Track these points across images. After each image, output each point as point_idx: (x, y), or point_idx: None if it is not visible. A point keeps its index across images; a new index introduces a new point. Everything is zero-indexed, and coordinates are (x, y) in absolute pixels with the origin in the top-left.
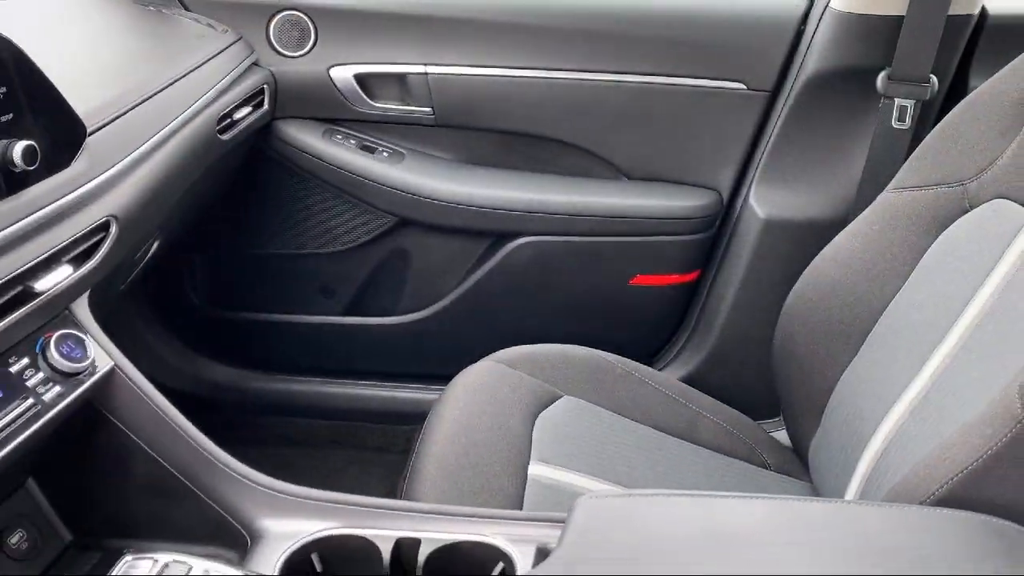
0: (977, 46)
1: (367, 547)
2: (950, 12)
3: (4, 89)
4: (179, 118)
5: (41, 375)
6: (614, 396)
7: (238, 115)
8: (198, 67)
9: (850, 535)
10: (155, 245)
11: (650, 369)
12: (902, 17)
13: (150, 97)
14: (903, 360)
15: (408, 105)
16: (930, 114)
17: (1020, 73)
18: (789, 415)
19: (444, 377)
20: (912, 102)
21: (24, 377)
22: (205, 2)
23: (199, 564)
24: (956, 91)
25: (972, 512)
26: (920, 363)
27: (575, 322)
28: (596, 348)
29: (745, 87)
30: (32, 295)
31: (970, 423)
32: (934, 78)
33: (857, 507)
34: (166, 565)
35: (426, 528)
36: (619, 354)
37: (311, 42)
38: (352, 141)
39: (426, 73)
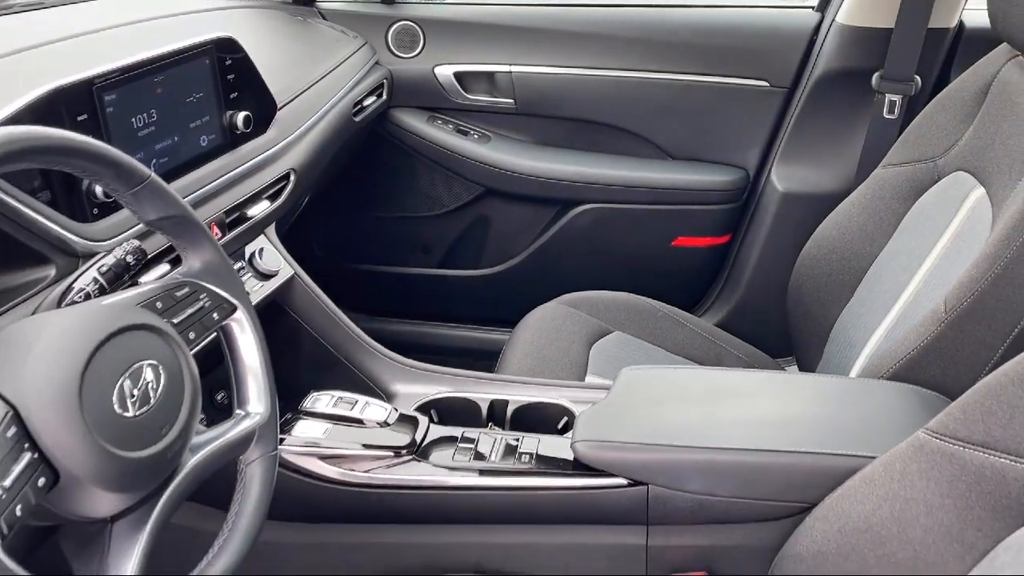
0: (957, 52)
1: (470, 405)
2: (930, 25)
3: (233, 75)
4: (329, 102)
5: (249, 275)
6: (656, 333)
7: (366, 103)
8: (338, 65)
9: (814, 391)
10: (305, 201)
11: (687, 313)
12: (892, 29)
13: (311, 86)
14: (883, 299)
15: (495, 97)
16: (916, 107)
17: (979, 71)
18: (799, 350)
19: (518, 321)
20: (900, 97)
21: (240, 275)
22: (339, 14)
23: (363, 399)
24: (940, 88)
25: (907, 384)
26: (894, 300)
27: (626, 275)
28: (643, 296)
29: (768, 84)
30: (245, 219)
31: (914, 326)
32: (918, 78)
33: (824, 377)
34: (340, 399)
35: (512, 393)
36: (662, 302)
37: (420, 46)
38: (449, 125)
39: (510, 72)
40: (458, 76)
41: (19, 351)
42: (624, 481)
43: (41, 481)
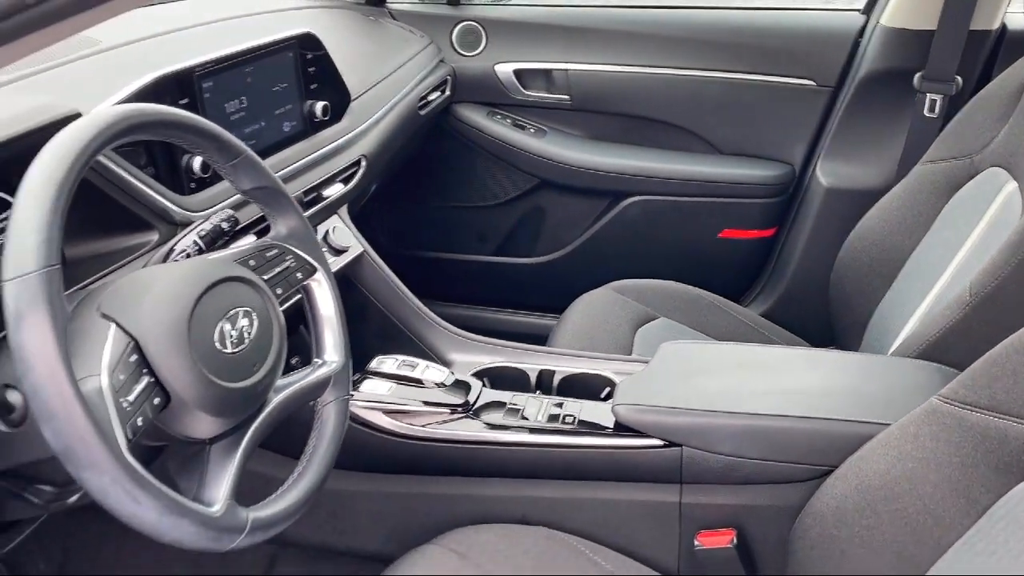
0: (999, 54)
1: (520, 374)
2: (972, 27)
3: (313, 68)
4: (397, 96)
5: (325, 250)
6: (700, 320)
7: (431, 98)
8: (406, 62)
9: (839, 365)
10: (373, 189)
11: (732, 302)
12: (934, 31)
13: (381, 81)
14: (918, 289)
15: (551, 94)
16: (957, 107)
17: (1016, 71)
18: (839, 339)
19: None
20: (940, 97)
21: None
22: (408, 15)
23: (423, 362)
24: (981, 88)
25: (931, 362)
26: (928, 290)
27: (674, 265)
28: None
29: (814, 83)
30: (321, 199)
31: (941, 309)
32: (959, 78)
33: (850, 354)
34: (403, 361)
35: (559, 364)
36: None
37: (482, 45)
38: (508, 120)
39: (567, 69)
40: (517, 73)
41: (138, 295)
42: (660, 442)
43: (156, 401)
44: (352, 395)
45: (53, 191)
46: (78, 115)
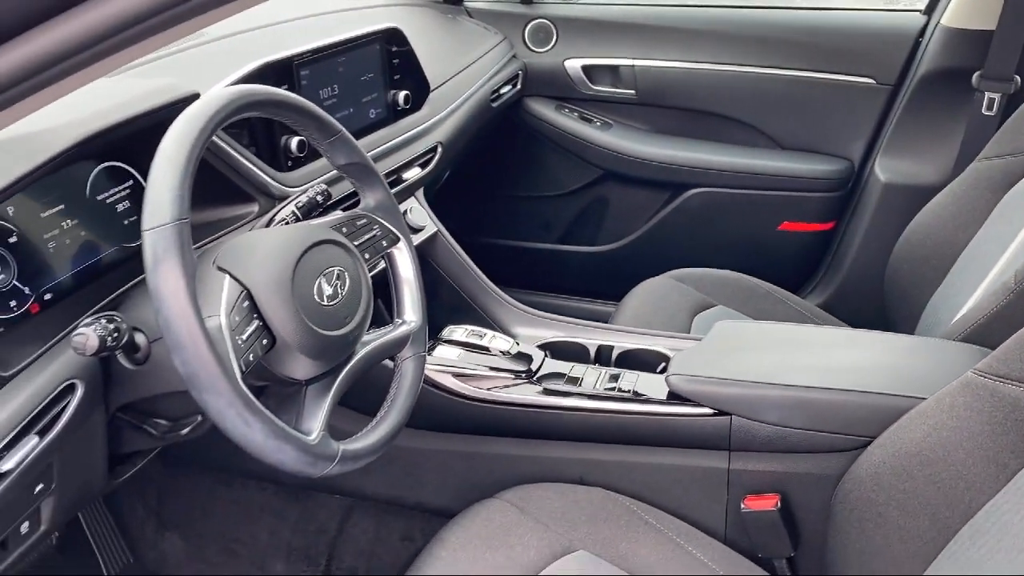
0: None
1: (580, 348)
2: None
3: (397, 60)
4: (472, 88)
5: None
6: (757, 309)
7: (503, 91)
8: (481, 57)
9: (884, 345)
10: (446, 174)
11: (789, 293)
12: (993, 31)
13: (457, 73)
14: (970, 281)
15: (618, 88)
16: (1015, 105)
17: None
18: (894, 330)
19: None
20: (999, 95)
21: None
22: (483, 12)
23: (490, 332)
24: None
25: (975, 345)
26: (979, 282)
27: (733, 256)
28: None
29: (874, 81)
30: (400, 181)
31: (987, 296)
32: (1018, 77)
33: (895, 335)
34: (473, 331)
35: (617, 340)
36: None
37: (553, 42)
38: (575, 114)
39: (633, 65)
40: (586, 69)
41: (248, 251)
42: (711, 411)
43: (264, 342)
44: (428, 353)
45: (184, 156)
46: (197, 95)
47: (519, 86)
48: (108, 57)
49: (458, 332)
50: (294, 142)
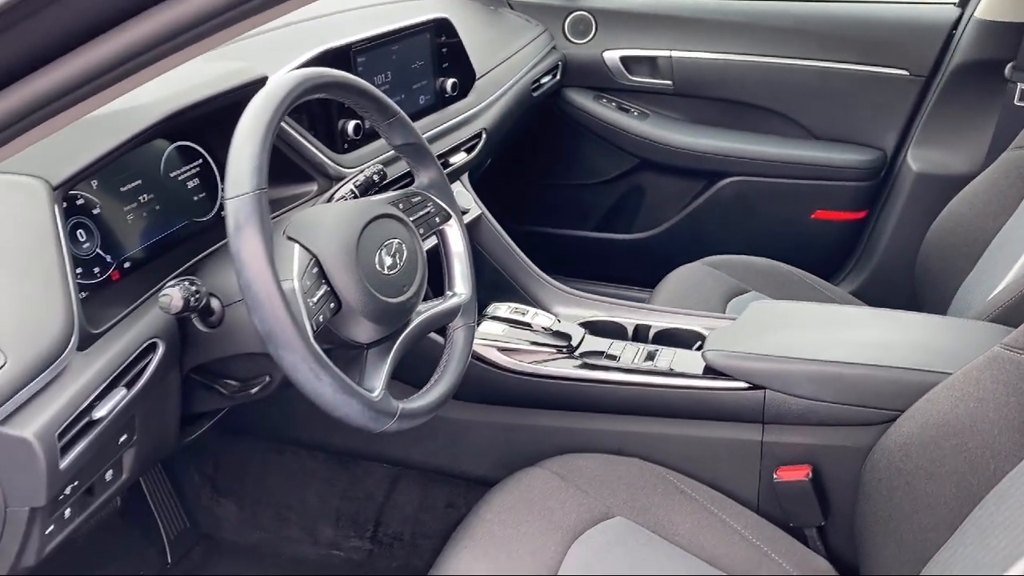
0: None
1: (618, 327)
2: None
3: (445, 49)
4: (514, 78)
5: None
6: (790, 295)
7: (543, 81)
8: (522, 48)
9: (915, 324)
10: (488, 162)
11: (821, 280)
12: None
13: (501, 63)
14: (999, 268)
15: (655, 79)
16: None
17: None
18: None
19: None
20: None
21: None
22: (524, 5)
23: (533, 309)
24: None
25: (1002, 325)
26: (1008, 268)
27: (767, 244)
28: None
29: (908, 73)
30: (447, 165)
31: (1016, 278)
32: None
33: (925, 315)
34: (516, 308)
35: (654, 319)
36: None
37: (592, 33)
38: (613, 104)
39: (670, 56)
40: (624, 60)
41: (316, 223)
42: (745, 385)
43: (331, 305)
44: (475, 325)
45: (263, 130)
46: (265, 78)
47: (559, 77)
48: (186, 48)
49: (502, 309)
50: (350, 126)
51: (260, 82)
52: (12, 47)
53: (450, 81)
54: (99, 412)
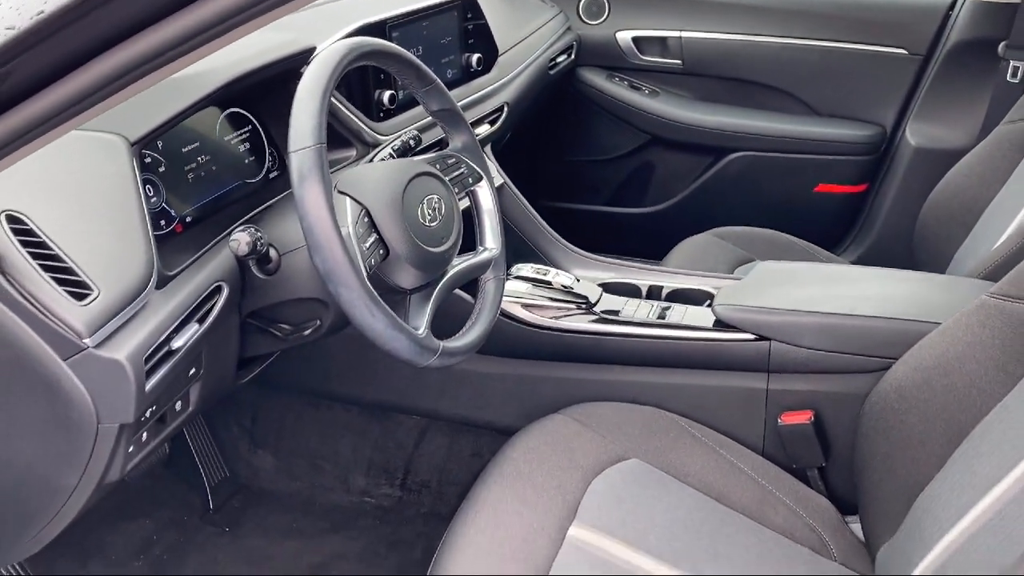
0: None
1: (632, 288)
2: None
3: (471, 26)
4: (533, 55)
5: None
6: (802, 266)
7: (559, 60)
8: (539, 28)
9: (912, 280)
10: (507, 136)
11: (822, 249)
12: (1018, 3)
13: (520, 41)
14: (991, 233)
15: (665, 59)
16: None
17: None
18: None
19: None
20: (1023, 64)
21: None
22: None
23: (553, 269)
24: None
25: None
26: (1000, 234)
27: (772, 216)
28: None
29: (906, 52)
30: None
31: (1005, 242)
32: None
33: (922, 273)
34: (538, 268)
35: (667, 280)
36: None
37: (605, 15)
38: (625, 82)
39: (680, 37)
40: (635, 40)
41: (364, 179)
42: (752, 336)
43: (380, 252)
44: (507, 274)
45: (321, 91)
46: (313, 48)
47: (573, 56)
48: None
49: (525, 269)
50: (386, 96)
51: (308, 52)
52: (90, 31)
53: (475, 56)
54: (177, 342)
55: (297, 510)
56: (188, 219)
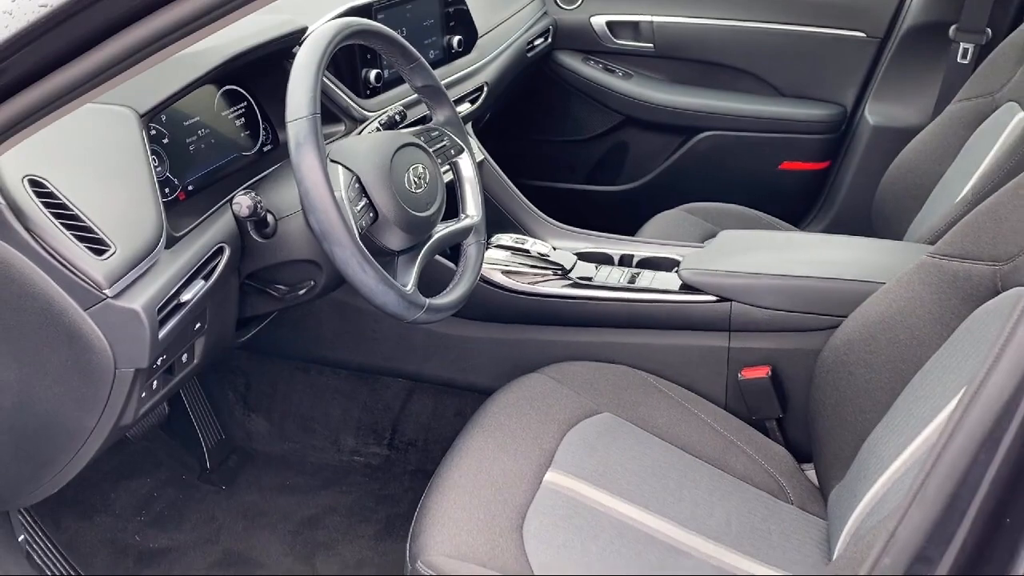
0: None
1: (605, 256)
2: None
3: (451, 9)
4: (511, 39)
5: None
6: (762, 234)
7: (536, 43)
8: (517, 12)
9: (865, 245)
10: (487, 116)
11: (787, 223)
12: None
13: (499, 25)
14: (942, 206)
15: (638, 42)
16: (986, 53)
17: None
18: None
19: None
20: (972, 46)
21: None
22: None
23: (531, 239)
24: None
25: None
26: (951, 203)
27: (739, 192)
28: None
29: (865, 35)
30: None
31: (950, 207)
32: (988, 30)
33: (876, 239)
34: (517, 238)
35: (637, 249)
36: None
37: (580, 0)
38: (600, 65)
39: (651, 21)
40: (609, 24)
41: (354, 149)
42: (715, 298)
43: (369, 215)
44: (487, 243)
45: (315, 66)
46: (305, 28)
47: (550, 40)
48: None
49: (504, 239)
50: (372, 74)
51: (301, 32)
52: (99, 17)
53: (456, 38)
54: (185, 296)
55: (290, 469)
56: (190, 187)
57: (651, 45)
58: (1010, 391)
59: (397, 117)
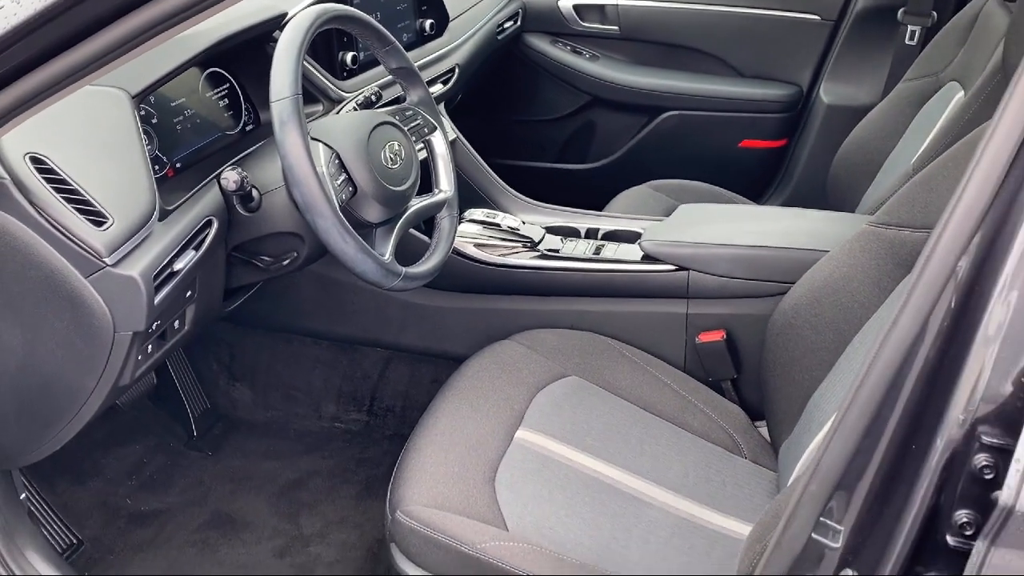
0: None
1: (573, 230)
2: None
3: None
4: (481, 22)
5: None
6: (718, 207)
7: (506, 26)
8: None
9: (815, 217)
10: (459, 97)
11: (746, 199)
12: None
13: (469, 8)
14: (889, 180)
15: (604, 25)
16: (932, 35)
17: (973, 6)
18: None
19: None
20: (919, 28)
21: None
22: None
23: (501, 213)
24: None
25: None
26: (897, 177)
27: (701, 169)
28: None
29: (819, 18)
30: None
31: (893, 182)
32: (935, 13)
33: (825, 212)
34: (488, 212)
35: (603, 224)
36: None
37: None
38: (567, 47)
39: (617, 5)
40: (576, 7)
41: (333, 127)
42: (673, 267)
43: (349, 189)
44: (458, 216)
45: (296, 49)
46: (285, 14)
47: (519, 23)
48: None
49: (476, 213)
50: (348, 57)
51: (281, 17)
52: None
53: (428, 22)
54: (178, 264)
55: (273, 436)
56: (178, 165)
57: (616, 28)
58: (915, 332)
59: (373, 97)
